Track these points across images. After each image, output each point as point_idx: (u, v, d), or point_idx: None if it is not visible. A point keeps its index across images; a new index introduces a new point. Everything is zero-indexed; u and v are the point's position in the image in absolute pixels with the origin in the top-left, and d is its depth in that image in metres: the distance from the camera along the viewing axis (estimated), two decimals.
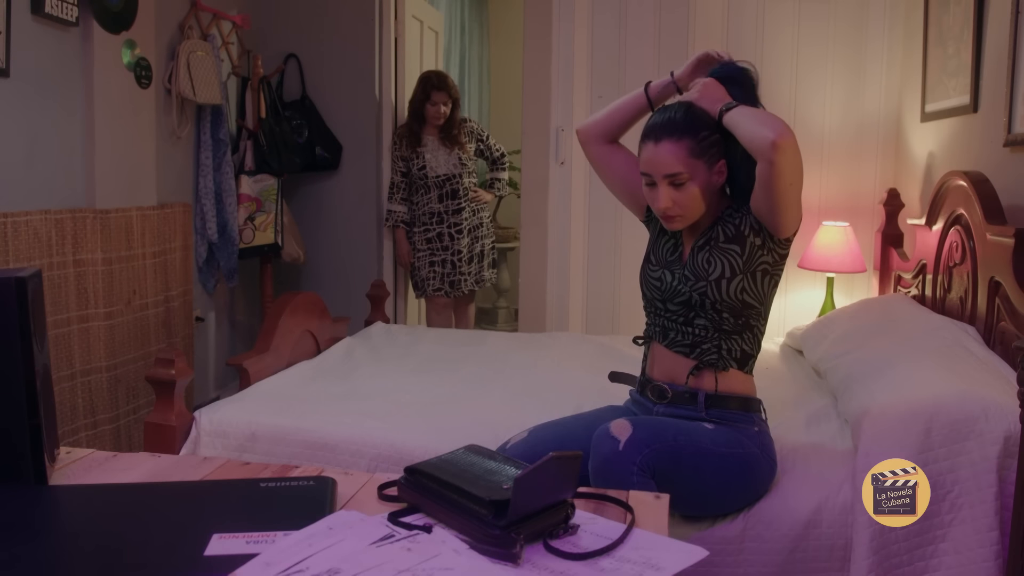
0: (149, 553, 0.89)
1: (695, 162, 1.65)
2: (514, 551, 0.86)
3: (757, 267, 1.69)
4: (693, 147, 1.64)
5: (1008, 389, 1.64)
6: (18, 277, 0.98)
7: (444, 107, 3.75)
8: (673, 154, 1.64)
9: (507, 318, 5.69)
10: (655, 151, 1.66)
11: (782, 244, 1.70)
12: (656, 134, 1.66)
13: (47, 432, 1.04)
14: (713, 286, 1.68)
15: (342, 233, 4.15)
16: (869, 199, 3.40)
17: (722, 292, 1.68)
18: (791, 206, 1.63)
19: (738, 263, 1.68)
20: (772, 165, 1.55)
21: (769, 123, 1.57)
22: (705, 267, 1.70)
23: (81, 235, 2.71)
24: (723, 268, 1.68)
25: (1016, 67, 2.18)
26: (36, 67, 2.53)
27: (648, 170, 1.68)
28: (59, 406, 2.55)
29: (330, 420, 2.05)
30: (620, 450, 1.54)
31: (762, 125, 1.57)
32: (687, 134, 1.64)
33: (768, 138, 1.53)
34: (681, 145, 1.64)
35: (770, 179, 1.57)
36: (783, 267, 1.73)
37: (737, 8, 3.41)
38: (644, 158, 1.69)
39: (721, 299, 1.68)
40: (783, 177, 1.57)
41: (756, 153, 1.57)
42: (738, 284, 1.68)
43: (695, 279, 1.70)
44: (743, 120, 1.60)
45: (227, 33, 3.74)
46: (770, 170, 1.56)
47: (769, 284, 1.72)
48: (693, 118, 1.66)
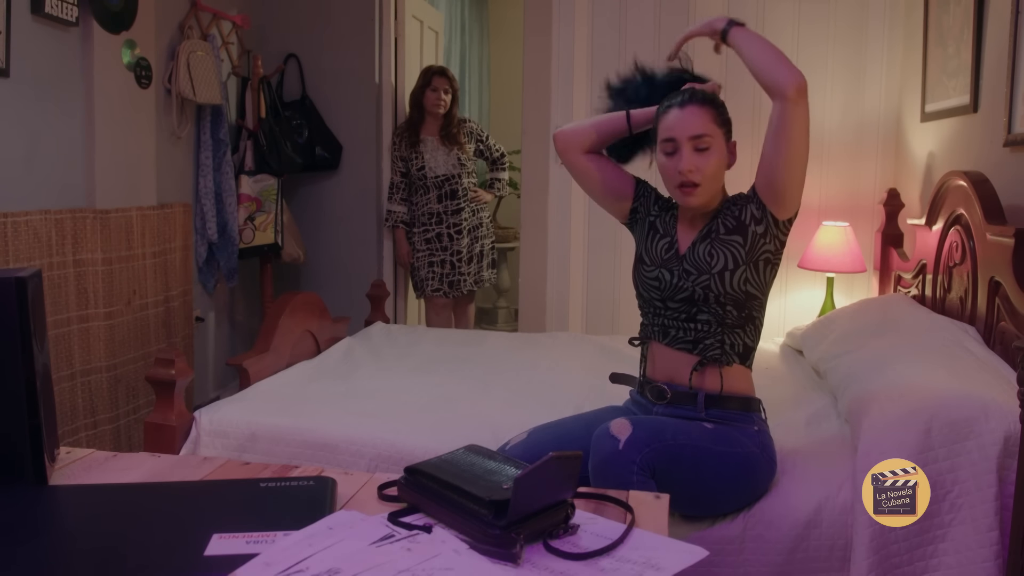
0: (149, 553, 0.89)
1: (718, 130, 1.69)
2: (514, 551, 0.86)
3: (760, 256, 1.70)
4: (716, 115, 1.69)
5: (1008, 389, 1.64)
6: (18, 277, 0.98)
7: (444, 95, 3.74)
8: (699, 116, 1.68)
9: (507, 318, 5.68)
10: (681, 114, 1.68)
11: (784, 228, 1.72)
12: (681, 100, 1.70)
13: (47, 432, 1.04)
14: (716, 279, 1.69)
15: (342, 233, 4.15)
16: (869, 199, 3.40)
17: (725, 284, 1.68)
18: (800, 163, 1.65)
19: (740, 254, 1.69)
20: (796, 106, 1.58)
21: (788, 62, 1.61)
22: (707, 260, 1.70)
23: (81, 235, 2.71)
24: (726, 260, 1.69)
25: (1016, 67, 2.18)
26: (36, 67, 2.53)
27: (673, 133, 1.69)
28: (59, 406, 2.55)
29: (330, 420, 2.05)
30: (620, 449, 1.54)
31: (783, 61, 1.61)
32: (710, 103, 1.70)
33: (792, 78, 1.58)
34: (706, 110, 1.68)
35: (788, 123, 1.60)
36: (782, 254, 1.75)
37: (737, 8, 3.41)
38: (668, 123, 1.70)
39: (725, 291, 1.68)
40: (799, 123, 1.59)
41: (774, 88, 1.61)
42: (741, 275, 1.68)
43: (697, 273, 1.70)
44: (760, 45, 1.65)
45: (227, 33, 3.74)
46: (793, 111, 1.58)
47: (770, 273, 1.73)
48: (713, 96, 1.72)
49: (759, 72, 1.64)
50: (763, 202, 1.70)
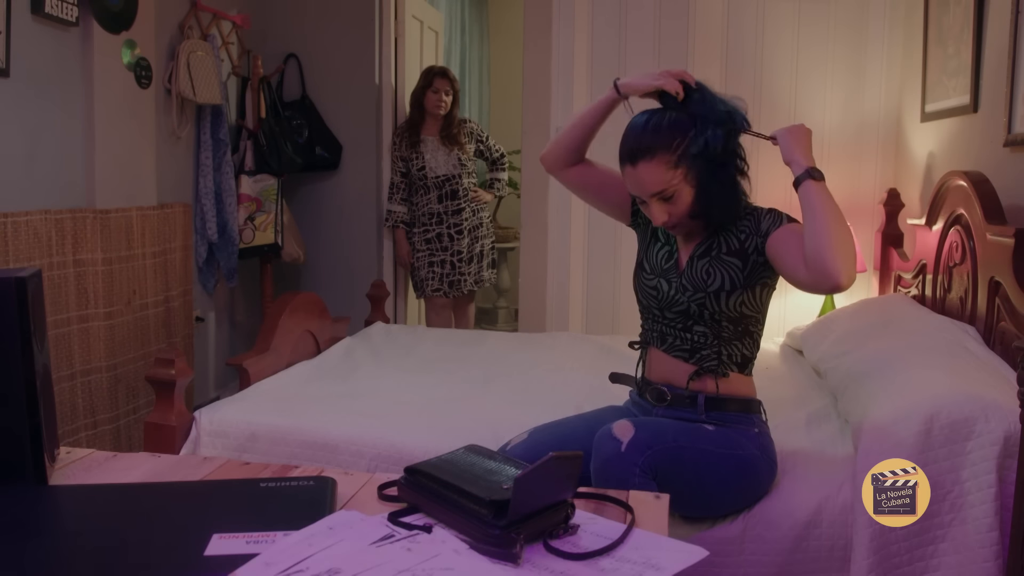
0: (149, 553, 0.89)
1: (676, 172, 1.60)
2: (514, 551, 0.86)
3: (757, 281, 1.68)
4: (669, 159, 1.60)
5: (1008, 389, 1.63)
6: (18, 277, 0.98)
7: (445, 96, 3.75)
8: (651, 173, 1.60)
9: (507, 318, 5.68)
10: (635, 174, 1.63)
11: None
12: (631, 157, 1.62)
13: (47, 432, 1.04)
14: (712, 298, 1.67)
15: (342, 233, 4.15)
16: (869, 199, 3.40)
17: (720, 304, 1.67)
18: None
19: (739, 277, 1.66)
20: (822, 292, 1.56)
21: (845, 247, 1.47)
22: (704, 278, 1.68)
23: (81, 235, 2.71)
24: (723, 280, 1.67)
25: (1016, 67, 2.18)
26: (36, 67, 2.53)
27: (634, 192, 1.68)
28: (59, 406, 2.55)
29: (330, 420, 2.05)
30: (622, 451, 1.53)
31: (841, 245, 1.47)
32: (659, 149, 1.60)
33: (842, 279, 1.46)
34: (657, 162, 1.60)
35: (812, 292, 1.59)
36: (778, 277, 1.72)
37: (737, 8, 3.41)
38: (628, 183, 1.67)
39: (720, 310, 1.67)
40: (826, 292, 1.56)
41: (820, 270, 1.48)
42: (737, 298, 1.67)
43: (693, 290, 1.68)
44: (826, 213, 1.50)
45: (227, 33, 3.74)
46: (817, 291, 1.57)
47: (767, 294, 1.72)
48: (658, 130, 1.61)
49: (809, 236, 1.51)
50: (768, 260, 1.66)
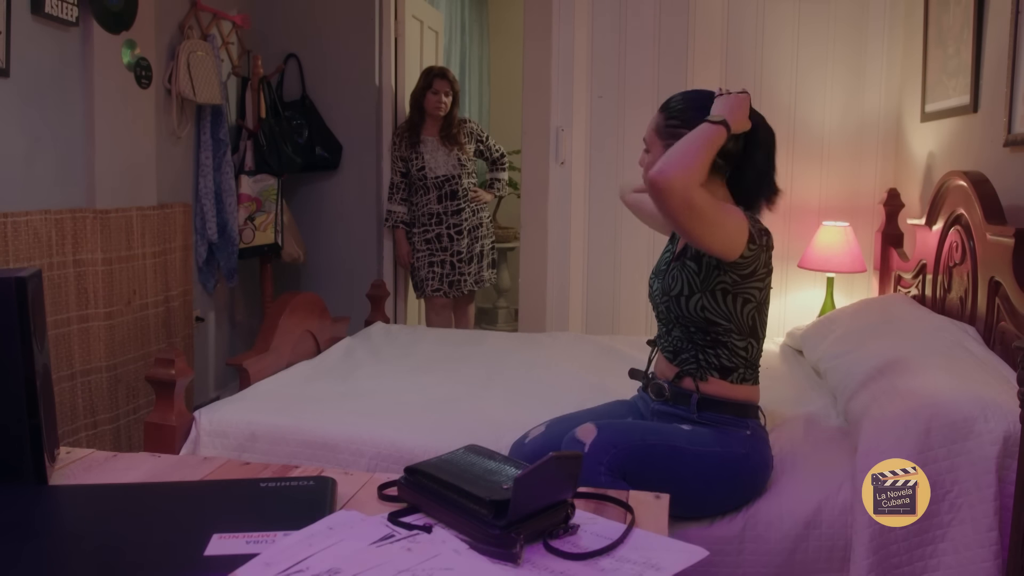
0: (149, 553, 0.89)
1: (655, 138, 1.74)
2: (514, 551, 0.86)
3: (716, 286, 1.66)
4: (660, 125, 1.74)
5: (1008, 389, 1.64)
6: (18, 277, 0.98)
7: (445, 97, 3.75)
8: (651, 123, 1.77)
9: (507, 318, 5.69)
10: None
11: (735, 266, 1.64)
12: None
13: (47, 432, 1.04)
14: (674, 302, 1.72)
15: (342, 233, 4.15)
16: (869, 199, 3.40)
17: (683, 308, 1.70)
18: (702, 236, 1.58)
19: (695, 281, 1.69)
20: (654, 201, 1.58)
21: (666, 157, 1.56)
22: (671, 282, 1.74)
23: (81, 235, 2.71)
24: (682, 285, 1.71)
25: (1016, 67, 2.18)
26: (36, 67, 2.53)
27: None
28: (59, 406, 2.55)
29: (330, 420, 2.05)
30: (586, 452, 1.57)
31: (674, 152, 1.56)
32: (663, 112, 1.75)
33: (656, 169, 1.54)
34: (657, 117, 1.76)
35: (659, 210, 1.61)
36: (756, 287, 1.68)
37: (737, 8, 3.41)
38: None
39: (683, 314, 1.71)
40: (665, 212, 1.56)
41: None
42: (697, 302, 1.68)
43: (663, 293, 1.76)
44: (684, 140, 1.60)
45: (227, 33, 3.74)
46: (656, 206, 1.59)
47: (735, 303, 1.67)
48: (676, 104, 1.74)
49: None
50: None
